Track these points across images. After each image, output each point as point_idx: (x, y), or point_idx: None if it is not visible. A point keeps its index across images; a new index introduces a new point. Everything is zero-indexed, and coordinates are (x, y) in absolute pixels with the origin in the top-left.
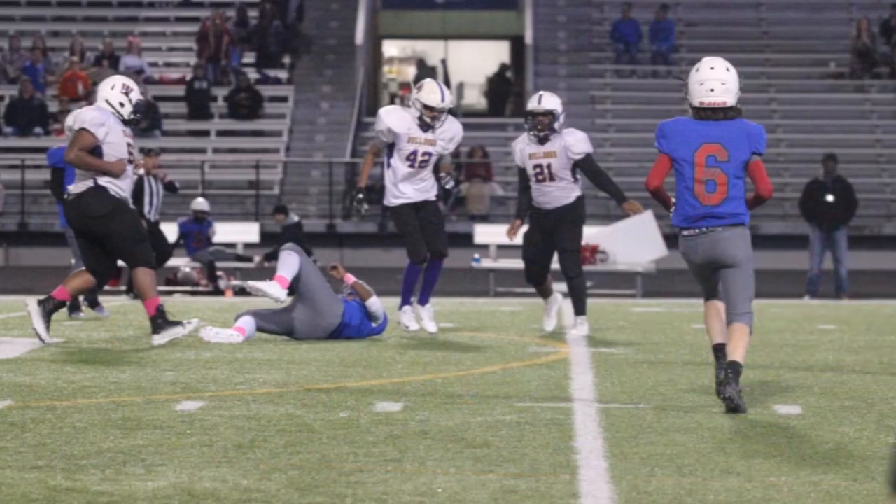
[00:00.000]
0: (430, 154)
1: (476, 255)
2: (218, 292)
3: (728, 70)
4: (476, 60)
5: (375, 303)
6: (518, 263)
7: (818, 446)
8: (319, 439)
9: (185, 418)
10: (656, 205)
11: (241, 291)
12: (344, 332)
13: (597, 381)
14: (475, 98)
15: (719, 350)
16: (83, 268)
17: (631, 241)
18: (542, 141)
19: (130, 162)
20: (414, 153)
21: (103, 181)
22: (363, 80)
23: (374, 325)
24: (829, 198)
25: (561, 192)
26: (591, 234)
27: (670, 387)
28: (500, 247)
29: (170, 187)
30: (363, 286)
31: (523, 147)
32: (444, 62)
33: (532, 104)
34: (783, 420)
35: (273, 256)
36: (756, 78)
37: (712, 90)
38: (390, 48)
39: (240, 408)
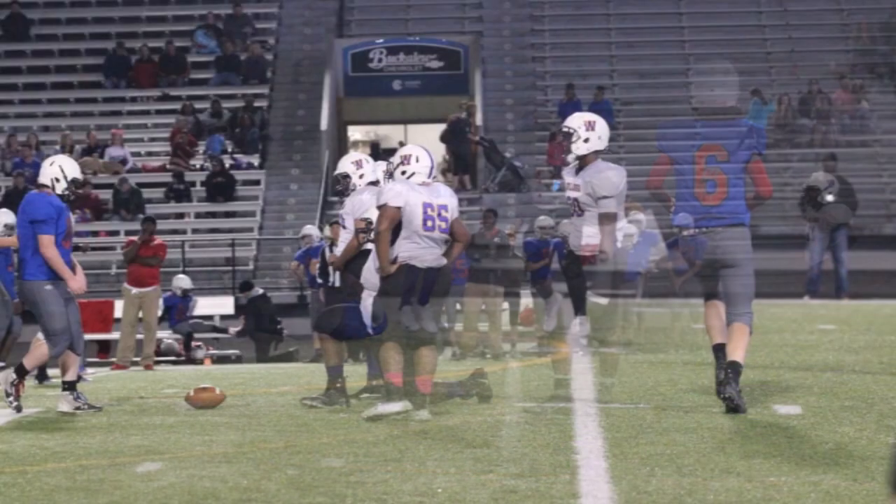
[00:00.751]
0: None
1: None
2: (194, 361)
3: (728, 71)
4: (433, 141)
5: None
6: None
7: (818, 446)
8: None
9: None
10: (656, 205)
11: (220, 360)
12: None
13: (597, 381)
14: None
15: (719, 350)
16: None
17: (631, 242)
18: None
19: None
20: None
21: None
22: (329, 162)
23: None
24: (829, 198)
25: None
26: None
27: (670, 387)
28: None
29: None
30: None
31: None
32: (401, 144)
33: None
34: (783, 420)
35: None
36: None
37: (713, 91)
38: (354, 132)
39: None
